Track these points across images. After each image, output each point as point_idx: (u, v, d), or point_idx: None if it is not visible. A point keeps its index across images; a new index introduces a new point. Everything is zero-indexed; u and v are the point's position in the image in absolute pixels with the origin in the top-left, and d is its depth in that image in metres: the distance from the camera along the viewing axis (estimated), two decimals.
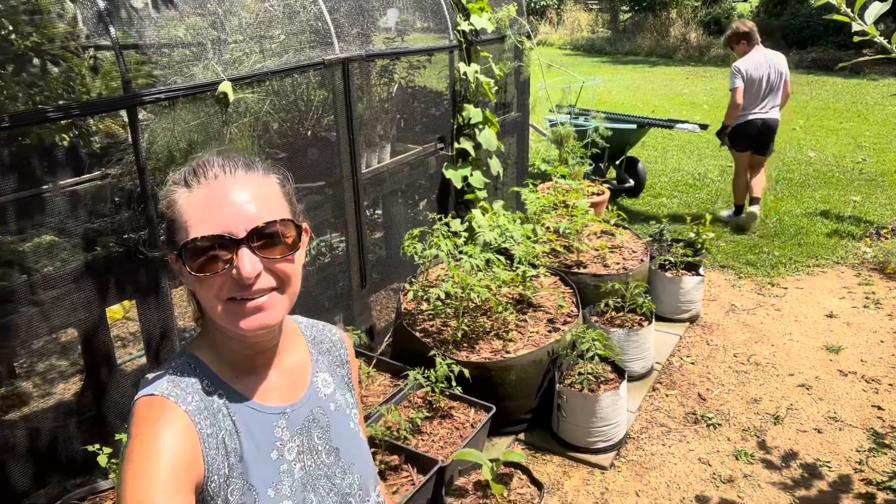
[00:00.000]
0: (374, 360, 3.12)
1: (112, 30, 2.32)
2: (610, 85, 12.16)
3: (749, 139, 5.37)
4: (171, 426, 0.86)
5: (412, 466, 2.53)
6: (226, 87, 2.65)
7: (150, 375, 0.94)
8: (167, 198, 0.92)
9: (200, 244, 0.87)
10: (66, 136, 2.99)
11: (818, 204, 6.10)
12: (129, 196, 2.56)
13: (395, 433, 2.63)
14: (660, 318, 4.08)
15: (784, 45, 14.44)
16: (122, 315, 4.13)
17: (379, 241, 4.43)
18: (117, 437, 2.15)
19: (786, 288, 4.55)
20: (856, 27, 1.23)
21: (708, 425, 3.18)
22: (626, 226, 4.46)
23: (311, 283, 3.72)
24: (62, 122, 2.67)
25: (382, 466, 2.51)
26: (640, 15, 18.40)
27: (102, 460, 2.00)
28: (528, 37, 4.74)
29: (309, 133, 3.42)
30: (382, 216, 4.57)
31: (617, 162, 6.36)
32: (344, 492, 1.02)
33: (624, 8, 19.76)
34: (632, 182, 6.35)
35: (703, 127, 6.03)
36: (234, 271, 0.87)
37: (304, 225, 0.98)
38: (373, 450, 2.59)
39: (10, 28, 2.66)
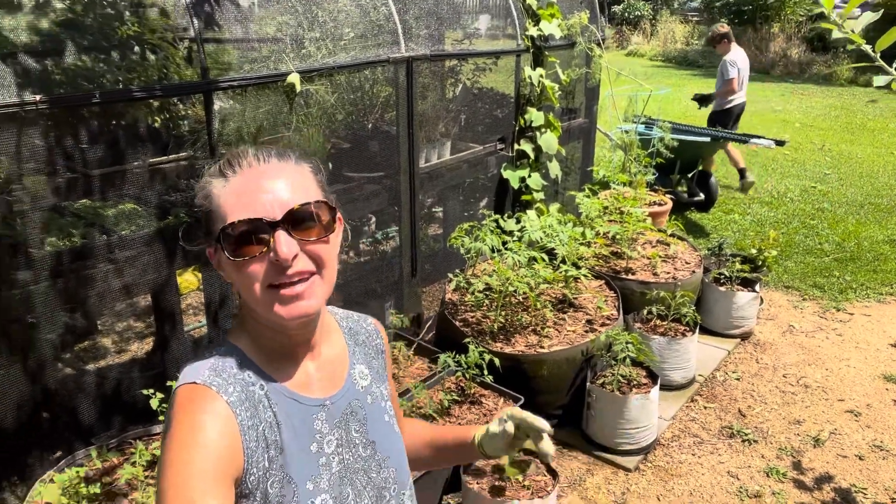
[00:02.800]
0: (415, 345, 3.28)
1: (195, 22, 2.59)
2: None
3: (734, 118, 6.68)
4: (212, 416, 0.85)
5: None
6: (293, 78, 2.88)
7: (191, 364, 0.94)
8: (203, 189, 0.93)
9: (238, 228, 0.87)
10: (157, 119, 3.31)
11: None
12: (200, 173, 2.84)
13: (424, 411, 2.77)
14: (709, 332, 4.03)
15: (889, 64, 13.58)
16: (196, 286, 4.49)
17: (437, 236, 4.60)
18: (168, 383, 2.40)
19: (852, 314, 4.36)
20: (836, 35, 1.25)
21: (743, 441, 3.14)
22: (684, 237, 4.41)
23: (366, 268, 3.93)
24: (153, 102, 2.94)
25: None
26: (740, 28, 17.76)
27: (154, 403, 2.25)
28: (599, 44, 4.78)
29: (371, 126, 3.62)
30: (441, 211, 4.73)
31: (689, 175, 6.26)
32: (380, 486, 1.01)
33: (723, 20, 19.11)
34: (702, 196, 6.23)
35: (780, 143, 5.84)
36: (272, 254, 0.87)
37: (338, 211, 0.98)
38: None
39: (114, 16, 2.98)
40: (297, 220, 0.89)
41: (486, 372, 2.88)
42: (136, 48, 3.02)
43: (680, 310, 3.49)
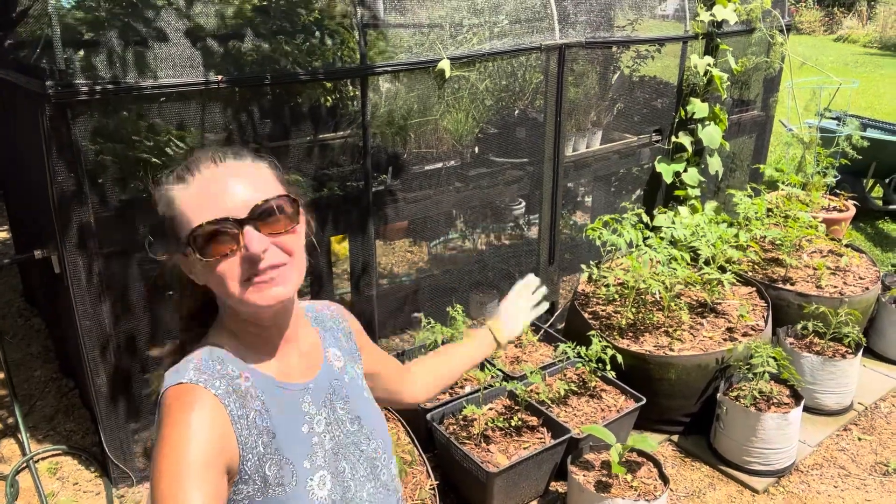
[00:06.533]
0: (542, 332, 3.30)
1: (359, 11, 2.80)
2: None
3: None
4: (201, 411, 0.89)
5: (547, 430, 2.69)
6: (444, 65, 3.01)
7: (173, 368, 0.96)
8: (164, 197, 0.95)
9: (206, 229, 0.90)
10: (328, 99, 3.59)
11: None
12: (352, 150, 3.07)
13: (539, 397, 2.80)
14: (879, 358, 3.60)
15: None
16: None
17: (581, 225, 4.54)
18: None
19: None
20: None
21: None
22: (862, 250, 3.95)
23: (505, 252, 4.00)
24: (326, 83, 3.13)
25: (520, 423, 2.71)
26: None
27: None
28: (782, 31, 4.37)
29: (518, 112, 3.66)
30: (589, 201, 4.66)
31: (886, 180, 5.54)
32: (371, 457, 1.08)
33: None
34: None
35: None
36: (243, 251, 0.91)
37: (300, 203, 1.01)
38: (516, 408, 2.80)
39: (299, 2, 3.26)
40: (262, 216, 0.92)
41: (608, 367, 2.83)
42: (317, 33, 3.31)
43: (841, 329, 3.15)
